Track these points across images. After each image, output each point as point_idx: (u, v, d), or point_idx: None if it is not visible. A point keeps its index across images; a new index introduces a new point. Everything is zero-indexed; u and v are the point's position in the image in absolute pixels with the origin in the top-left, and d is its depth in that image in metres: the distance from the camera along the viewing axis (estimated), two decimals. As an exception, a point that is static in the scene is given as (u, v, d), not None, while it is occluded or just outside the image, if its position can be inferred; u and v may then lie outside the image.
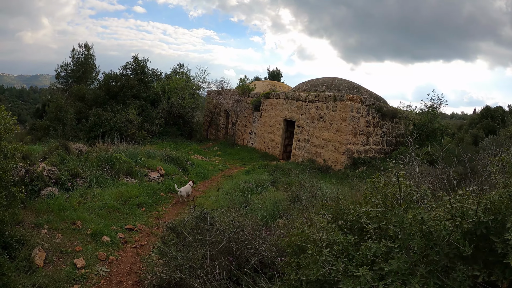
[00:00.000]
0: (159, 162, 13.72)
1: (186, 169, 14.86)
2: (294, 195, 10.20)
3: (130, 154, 12.94)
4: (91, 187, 9.77)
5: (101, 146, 13.04)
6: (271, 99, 24.55)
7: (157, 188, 11.47)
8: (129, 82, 29.65)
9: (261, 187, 11.86)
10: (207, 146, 27.05)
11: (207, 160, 19.32)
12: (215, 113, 32.14)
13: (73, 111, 27.08)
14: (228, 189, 11.81)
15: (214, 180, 15.15)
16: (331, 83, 23.13)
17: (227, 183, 13.50)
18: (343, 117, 18.88)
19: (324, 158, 19.63)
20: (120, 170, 11.17)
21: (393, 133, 22.08)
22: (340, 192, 10.14)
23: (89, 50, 38.05)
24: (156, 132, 27.11)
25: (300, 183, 11.39)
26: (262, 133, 25.23)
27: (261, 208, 9.09)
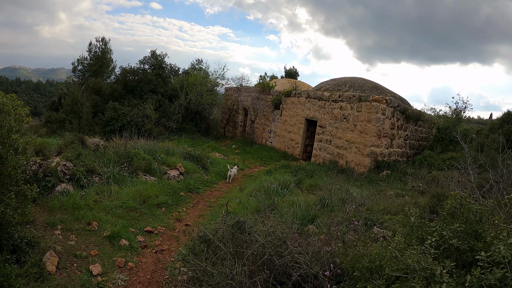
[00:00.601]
0: (179, 160, 13.14)
1: (206, 167, 14.29)
2: (323, 198, 9.55)
3: (148, 150, 12.36)
4: (107, 184, 9.19)
5: (119, 141, 12.47)
6: (292, 97, 23.89)
7: (177, 187, 10.89)
8: (146, 77, 29.24)
9: (286, 189, 11.22)
10: (225, 144, 26.48)
11: (226, 159, 18.73)
12: (233, 110, 31.59)
13: (89, 104, 26.72)
14: (251, 191, 11.22)
15: (235, 179, 14.54)
16: (354, 83, 22.48)
17: (249, 183, 12.93)
18: (368, 118, 18.19)
19: (347, 160, 18.97)
20: (138, 167, 10.58)
21: (416, 136, 21.41)
22: (369, 197, 9.55)
23: (106, 44, 37.86)
24: (173, 128, 26.59)
25: (327, 186, 10.86)
26: (282, 132, 24.58)
27: (289, 212, 8.43)
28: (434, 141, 21.29)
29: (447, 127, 20.64)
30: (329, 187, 10.75)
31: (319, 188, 11.87)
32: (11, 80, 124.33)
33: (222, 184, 13.53)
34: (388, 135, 18.79)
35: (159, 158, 12.32)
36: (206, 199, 11.01)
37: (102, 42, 37.61)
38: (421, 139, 21.92)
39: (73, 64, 36.65)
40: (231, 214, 8.13)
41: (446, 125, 20.82)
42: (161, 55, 32.05)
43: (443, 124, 21.27)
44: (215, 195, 11.59)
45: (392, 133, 19.11)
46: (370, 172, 17.38)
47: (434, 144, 20.86)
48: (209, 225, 7.35)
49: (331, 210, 8.99)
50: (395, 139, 19.40)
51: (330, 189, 10.27)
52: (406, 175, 15.61)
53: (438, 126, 21.45)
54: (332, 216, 8.25)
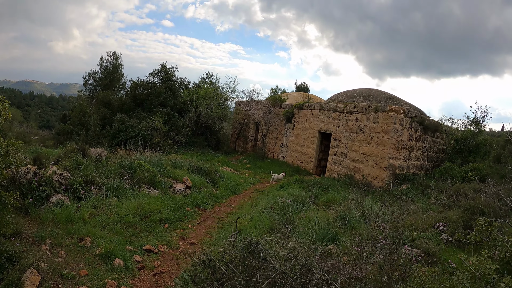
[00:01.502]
0: (186, 173, 12.30)
1: (215, 181, 13.44)
2: (343, 215, 8.76)
3: (154, 162, 11.57)
4: (106, 197, 8.39)
5: (123, 152, 11.72)
6: (305, 110, 23.11)
7: (182, 201, 10.02)
8: (156, 90, 28.71)
9: (302, 205, 10.36)
10: (236, 159, 25.69)
11: (237, 173, 17.91)
12: (244, 124, 30.88)
13: (97, 116, 26.17)
14: (264, 206, 10.37)
15: (245, 194, 13.74)
16: (369, 94, 21.76)
17: (261, 199, 12.11)
18: (386, 130, 17.39)
19: (364, 173, 18.15)
20: (141, 179, 9.78)
21: (434, 148, 20.67)
22: (393, 212, 8.71)
23: (117, 58, 37.69)
24: (182, 142, 25.88)
25: (346, 201, 10.10)
26: (295, 146, 23.75)
27: (307, 230, 7.61)
28: (452, 152, 20.53)
29: (466, 137, 19.77)
30: (349, 202, 10.01)
31: (337, 204, 11.17)
32: (24, 94, 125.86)
33: (232, 199, 12.70)
34: (406, 147, 18.03)
35: (165, 171, 11.52)
36: (215, 215, 10.17)
37: (113, 56, 37.53)
38: (439, 151, 21.19)
39: (84, 78, 36.69)
40: (241, 234, 7.36)
41: (465, 136, 19.94)
42: (171, 68, 31.60)
43: (461, 135, 20.44)
44: (224, 211, 10.75)
45: (410, 144, 18.35)
46: (388, 186, 16.68)
47: (453, 156, 20.10)
48: (216, 245, 6.54)
49: (352, 228, 8.19)
50: (413, 151, 18.64)
51: (350, 204, 9.49)
52: (428, 188, 14.98)
53: (457, 137, 20.57)
54: (355, 234, 7.52)
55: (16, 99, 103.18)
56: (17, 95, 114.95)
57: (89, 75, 36.70)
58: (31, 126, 49.49)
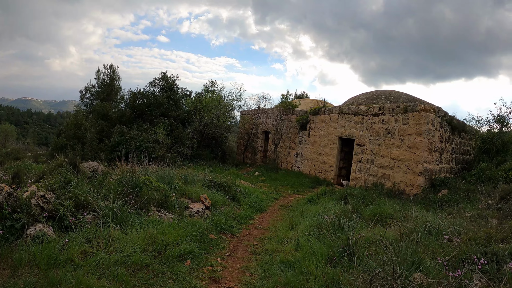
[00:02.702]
0: (202, 190, 10.15)
1: (236, 198, 11.29)
2: (411, 231, 7.01)
3: (162, 178, 9.44)
4: (105, 226, 6.26)
5: (124, 167, 9.62)
6: (321, 115, 21.11)
7: (204, 226, 7.80)
8: (157, 100, 26.70)
9: (349, 221, 8.34)
10: (246, 171, 23.61)
11: (254, 187, 15.82)
12: (252, 134, 28.82)
13: (94, 129, 24.16)
14: (306, 227, 8.26)
15: (272, 212, 11.66)
16: (389, 95, 20.05)
17: (297, 217, 10.02)
18: (418, 131, 15.57)
19: (395, 181, 16.27)
20: (150, 200, 7.66)
21: (460, 149, 19.10)
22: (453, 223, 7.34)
23: (114, 71, 35.99)
24: (188, 155, 23.80)
25: (398, 214, 8.53)
26: (311, 154, 21.70)
27: (376, 255, 5.92)
28: (479, 153, 19.09)
29: (493, 136, 18.38)
30: (403, 215, 8.74)
31: (387, 217, 9.53)
32: (22, 111, 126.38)
33: (260, 218, 10.58)
34: (437, 149, 16.33)
35: (177, 188, 9.36)
36: (246, 242, 8.03)
37: (110, 69, 35.87)
38: (465, 152, 19.66)
39: (81, 92, 34.94)
40: (288, 265, 5.54)
41: (492, 135, 18.58)
42: (172, 77, 29.48)
43: (487, 134, 19.09)
44: (255, 235, 8.65)
45: (441, 146, 16.68)
46: (424, 193, 14.88)
47: (480, 156, 18.66)
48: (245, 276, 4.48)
49: (425, 247, 6.25)
50: (443, 154, 16.95)
51: (409, 219, 7.83)
52: (470, 192, 13.61)
53: (483, 136, 19.15)
54: (435, 254, 5.99)
55: (14, 116, 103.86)
56: (15, 113, 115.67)
57: (85, 89, 34.99)
58: (27, 143, 48.17)
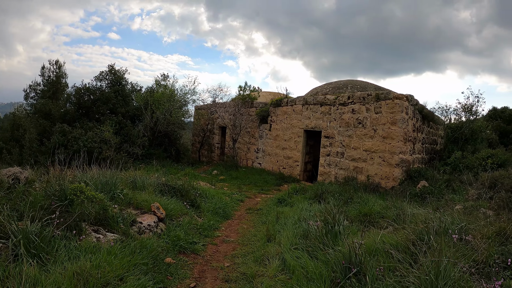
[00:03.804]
0: (153, 196, 8.12)
1: (196, 203, 9.27)
2: (421, 235, 5.68)
3: (103, 184, 7.44)
4: (16, 261, 4.35)
5: (55, 172, 7.56)
6: (284, 107, 19.51)
7: (158, 248, 5.85)
8: (104, 95, 24.33)
9: (337, 226, 6.74)
10: (203, 170, 21.73)
11: (214, 188, 13.96)
12: (207, 130, 26.86)
13: (34, 130, 21.67)
14: (290, 239, 6.53)
15: (240, 218, 9.88)
16: (355, 85, 18.83)
17: (272, 224, 8.31)
18: (392, 120, 14.40)
19: (369, 174, 15.05)
20: (83, 216, 5.71)
21: (429, 138, 18.24)
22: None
23: (60, 67, 32.93)
24: (139, 155, 21.69)
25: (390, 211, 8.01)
26: (274, 149, 20.07)
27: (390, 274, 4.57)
28: (447, 142, 18.81)
29: (461, 125, 18.61)
30: (398, 214, 7.52)
31: (378, 217, 8.23)
32: None
33: (227, 227, 8.73)
34: (411, 139, 15.28)
35: (122, 196, 7.41)
36: (214, 264, 6.16)
37: (56, 65, 32.73)
38: (433, 142, 18.88)
39: (25, 91, 31.57)
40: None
41: (460, 124, 18.90)
42: (120, 70, 27.08)
43: (456, 123, 19.18)
44: (225, 252, 6.83)
45: (414, 136, 15.67)
46: (402, 186, 13.86)
47: (449, 146, 18.39)
48: None
49: (439, 253, 4.73)
50: (416, 144, 15.97)
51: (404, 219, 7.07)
52: (453, 182, 13.06)
53: (451, 125, 19.37)
54: (457, 258, 4.73)
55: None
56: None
57: (30, 87, 31.69)
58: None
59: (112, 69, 26.72)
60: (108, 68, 26.76)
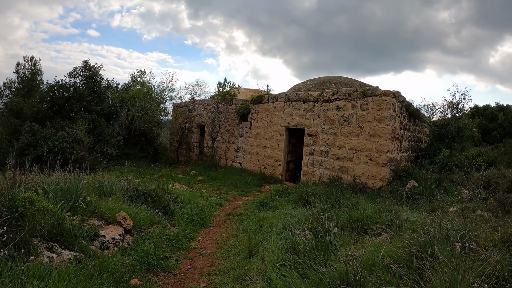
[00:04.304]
0: (121, 203, 7.22)
1: (169, 210, 8.37)
2: (423, 246, 4.95)
3: (64, 191, 6.55)
4: None
5: (16, 176, 6.64)
6: (265, 104, 18.74)
7: (122, 268, 5.03)
8: (77, 92, 23.19)
9: (327, 236, 6.01)
10: (181, 170, 20.82)
11: (191, 191, 13.05)
12: (186, 129, 25.93)
13: (5, 130, 20.53)
14: (275, 253, 5.70)
15: (219, 225, 9.03)
16: (339, 81, 18.12)
17: (254, 233, 7.50)
18: (380, 117, 13.74)
19: (355, 173, 14.34)
20: (35, 230, 4.87)
21: (415, 136, 17.63)
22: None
23: (35, 64, 31.62)
24: (113, 155, 20.71)
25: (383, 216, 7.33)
26: (255, 148, 19.29)
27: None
28: (433, 140, 18.32)
29: (447, 123, 18.15)
30: (394, 218, 6.76)
31: (371, 222, 7.53)
32: None
33: (204, 237, 7.86)
34: (398, 137, 14.66)
35: (85, 204, 6.47)
36: (188, 285, 5.23)
37: (31, 61, 31.40)
38: (418, 140, 18.28)
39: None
40: None
41: (446, 122, 18.39)
42: (95, 66, 25.87)
43: (442, 120, 18.96)
44: (201, 269, 5.97)
45: (401, 134, 15.05)
46: (390, 186, 13.19)
47: (435, 144, 17.92)
48: None
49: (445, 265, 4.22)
50: (403, 142, 15.36)
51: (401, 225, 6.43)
52: (445, 182, 12.55)
53: (437, 123, 19.01)
54: (467, 271, 4.05)
55: None
56: None
57: (4, 85, 30.31)
58: None
59: (86, 65, 25.56)
60: (82, 64, 25.62)
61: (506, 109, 30.39)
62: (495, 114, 29.41)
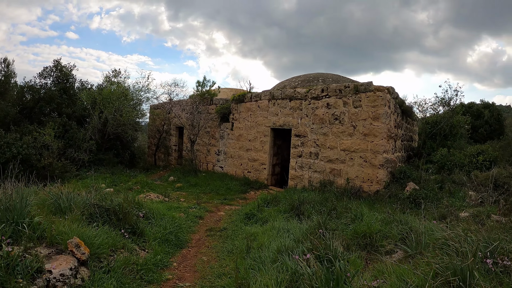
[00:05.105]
0: (76, 225, 5.71)
1: (138, 230, 6.90)
2: (454, 272, 3.92)
3: (5, 210, 5.19)
4: None
5: None
6: (247, 103, 17.45)
7: None
8: (47, 94, 21.54)
9: (337, 262, 4.77)
10: (159, 176, 19.42)
11: (168, 201, 11.63)
12: (163, 131, 24.46)
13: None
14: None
15: (199, 245, 7.65)
16: (327, 77, 17.04)
17: (241, 256, 6.18)
18: (375, 115, 12.63)
19: (349, 176, 13.16)
20: None
21: (406, 135, 16.50)
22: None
23: (8, 66, 29.64)
24: (85, 161, 19.14)
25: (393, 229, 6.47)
26: (237, 151, 17.98)
27: None
28: (425, 138, 17.23)
29: (440, 120, 17.16)
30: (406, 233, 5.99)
31: (380, 237, 6.41)
32: None
33: (180, 263, 6.46)
34: (393, 136, 13.53)
35: (27, 230, 5.10)
36: None
37: (4, 63, 29.50)
38: (409, 139, 17.16)
39: (-29, 93, 28.32)
40: None
41: (439, 119, 17.34)
42: (67, 66, 24.06)
43: (434, 118, 17.79)
44: None
45: (395, 133, 13.94)
46: (387, 189, 12.07)
47: (428, 143, 16.97)
48: None
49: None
50: (397, 141, 14.28)
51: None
52: (445, 183, 11.69)
53: (428, 120, 17.84)
54: None
55: None
56: None
57: None
58: None
59: (58, 64, 23.75)
60: (53, 63, 23.87)
61: (491, 106, 29.94)
62: (481, 111, 28.92)
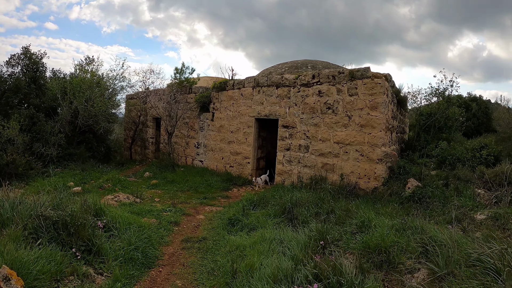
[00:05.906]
0: (14, 245, 4.21)
1: (94, 248, 5.17)
2: None
3: None
4: None
5: None
6: (229, 91, 16.03)
7: None
8: (13, 83, 19.75)
9: None
10: (134, 171, 17.91)
11: (140, 202, 10.11)
12: (140, 123, 22.85)
13: None
14: None
15: (172, 262, 6.15)
16: (316, 64, 15.76)
17: (227, 282, 4.81)
18: (373, 104, 11.38)
19: (343, 172, 11.89)
20: None
21: (400, 127, 15.37)
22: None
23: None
24: (54, 156, 17.48)
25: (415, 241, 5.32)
26: (218, 144, 16.56)
27: None
28: (419, 130, 16.41)
29: (435, 112, 16.50)
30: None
31: (396, 250, 5.24)
32: None
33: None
34: (390, 128, 12.46)
35: None
36: None
37: None
38: (402, 131, 16.06)
39: None
40: None
41: (434, 110, 16.66)
42: (37, 54, 22.07)
43: (429, 109, 17.03)
44: None
45: (392, 124, 12.85)
46: (386, 186, 10.87)
47: (422, 135, 16.18)
48: None
49: None
50: (393, 133, 13.16)
51: None
52: (450, 180, 10.50)
53: (423, 111, 17.08)
54: None
55: None
56: None
57: None
58: None
59: (27, 51, 21.75)
60: (22, 51, 21.99)
61: (478, 99, 29.37)
62: (468, 104, 28.09)
